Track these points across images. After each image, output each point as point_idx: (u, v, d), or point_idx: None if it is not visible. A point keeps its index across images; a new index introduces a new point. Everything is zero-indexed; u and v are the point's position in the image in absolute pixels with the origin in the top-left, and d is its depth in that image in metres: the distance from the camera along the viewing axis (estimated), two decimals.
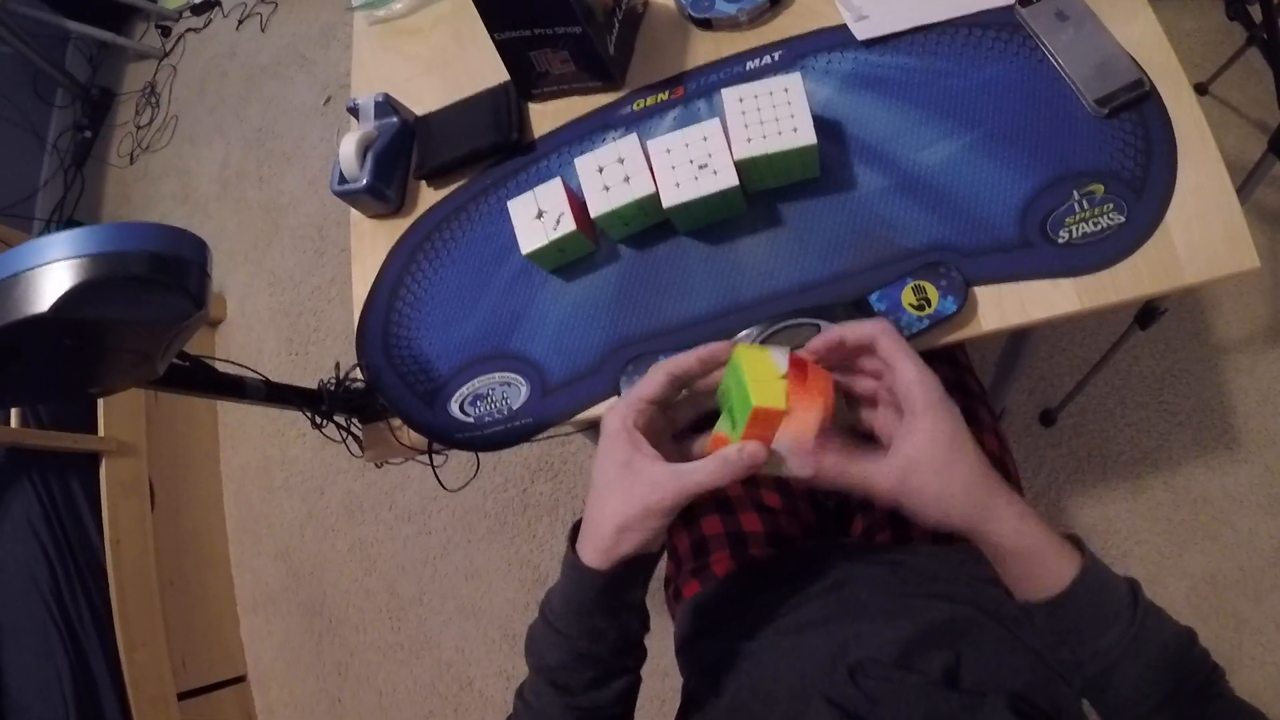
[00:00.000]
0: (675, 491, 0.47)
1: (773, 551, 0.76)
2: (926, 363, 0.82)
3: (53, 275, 0.47)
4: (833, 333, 0.51)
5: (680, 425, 0.56)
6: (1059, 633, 0.48)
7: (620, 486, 0.49)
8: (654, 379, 0.51)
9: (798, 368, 0.49)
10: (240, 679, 1.78)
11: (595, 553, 0.49)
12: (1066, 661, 0.49)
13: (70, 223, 2.44)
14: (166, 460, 1.79)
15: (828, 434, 0.49)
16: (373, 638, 1.73)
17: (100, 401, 1.64)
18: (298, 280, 2.07)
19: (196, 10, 2.67)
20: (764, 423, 0.48)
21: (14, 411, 1.50)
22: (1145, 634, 0.47)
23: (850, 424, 0.54)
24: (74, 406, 1.63)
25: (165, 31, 2.69)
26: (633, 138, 0.69)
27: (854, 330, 0.51)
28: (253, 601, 1.86)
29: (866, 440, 0.52)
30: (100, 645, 1.45)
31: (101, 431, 1.62)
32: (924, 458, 0.48)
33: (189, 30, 2.66)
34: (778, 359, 0.49)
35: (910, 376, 0.49)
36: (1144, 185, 0.64)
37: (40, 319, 0.47)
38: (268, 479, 1.93)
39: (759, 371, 0.48)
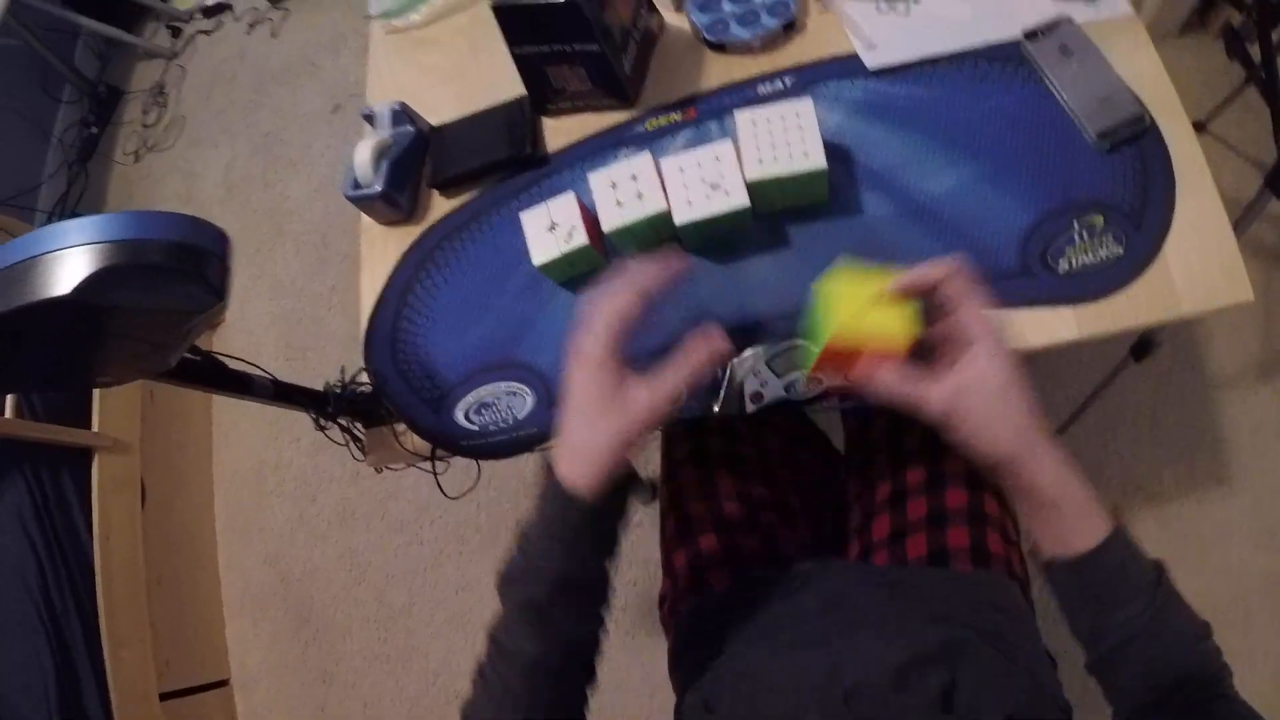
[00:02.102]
0: (665, 401, 0.52)
1: (770, 570, 0.77)
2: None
3: (76, 259, 0.47)
4: (915, 272, 0.53)
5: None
6: (1080, 598, 0.49)
7: (614, 413, 0.52)
8: (623, 302, 0.52)
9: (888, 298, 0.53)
10: (224, 683, 1.76)
11: (593, 472, 0.51)
12: (1083, 630, 0.50)
13: (73, 217, 2.44)
14: (159, 459, 1.78)
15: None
16: (360, 646, 1.72)
17: (95, 397, 1.63)
18: (299, 286, 2.07)
19: (208, 12, 2.69)
20: (848, 353, 0.53)
21: (9, 403, 1.49)
22: (1164, 615, 0.48)
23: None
24: (69, 400, 1.63)
25: (176, 32, 2.70)
26: (646, 155, 0.70)
27: (931, 269, 0.53)
28: (240, 605, 1.84)
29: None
30: (85, 641, 1.44)
31: (96, 427, 1.61)
32: (981, 382, 0.50)
33: (199, 32, 2.67)
34: (876, 286, 0.53)
35: (978, 309, 0.51)
36: (1143, 217, 0.66)
37: (61, 301, 0.47)
38: (260, 482, 1.92)
39: (857, 295, 0.53)
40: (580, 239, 0.70)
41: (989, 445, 0.50)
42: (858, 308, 0.52)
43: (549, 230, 0.71)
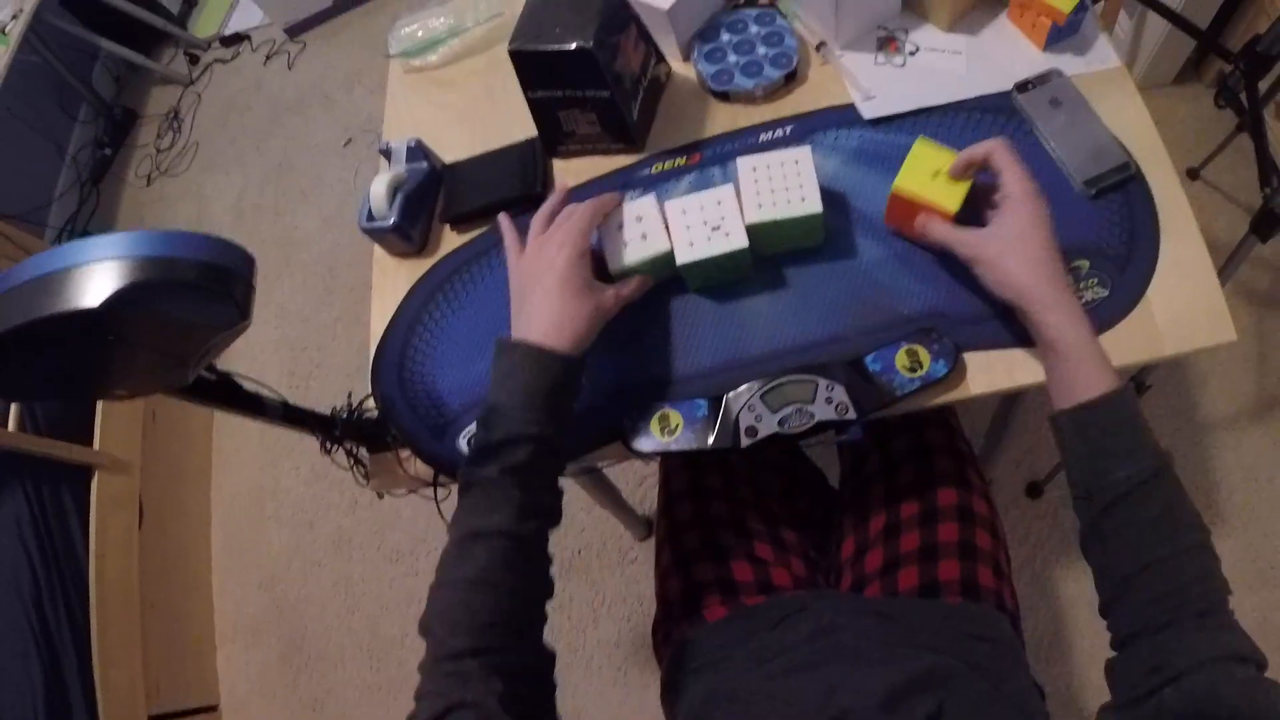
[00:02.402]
0: (621, 302, 0.68)
1: (764, 600, 0.78)
2: (918, 425, 0.85)
3: (105, 273, 0.48)
4: (963, 155, 0.64)
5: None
6: (1080, 450, 0.54)
7: (593, 296, 0.65)
8: (589, 221, 0.67)
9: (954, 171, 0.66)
10: (213, 708, 1.75)
11: (575, 340, 0.62)
12: (1080, 490, 0.54)
13: (84, 235, 2.47)
14: (158, 480, 1.78)
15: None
16: (351, 675, 1.71)
17: (98, 415, 1.65)
18: (305, 315, 2.09)
19: (226, 42, 2.76)
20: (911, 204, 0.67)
21: (12, 415, 1.50)
22: (1161, 485, 0.50)
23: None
24: (71, 416, 1.64)
25: (193, 59, 2.77)
26: (651, 197, 0.72)
27: (978, 146, 0.63)
28: (232, 630, 1.83)
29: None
30: (76, 658, 1.44)
31: (97, 445, 1.63)
32: (1004, 228, 0.60)
33: (216, 61, 2.74)
34: (942, 162, 0.66)
35: (1016, 175, 0.61)
36: (1128, 261, 0.68)
37: (89, 313, 0.48)
38: (258, 508, 1.92)
39: (928, 165, 0.66)
40: None
41: (1002, 279, 0.59)
42: (924, 173, 0.66)
43: None
